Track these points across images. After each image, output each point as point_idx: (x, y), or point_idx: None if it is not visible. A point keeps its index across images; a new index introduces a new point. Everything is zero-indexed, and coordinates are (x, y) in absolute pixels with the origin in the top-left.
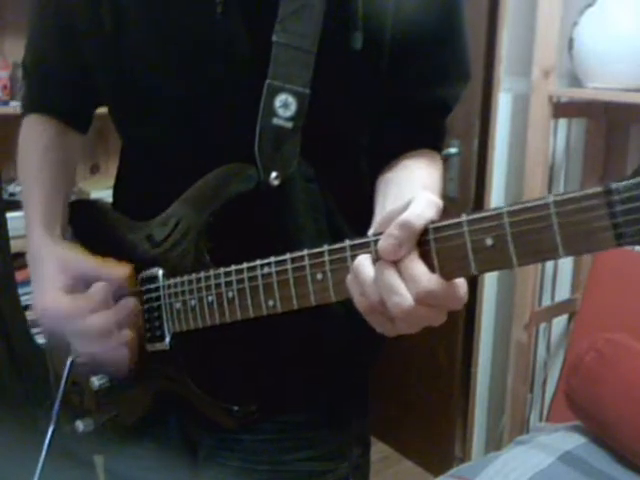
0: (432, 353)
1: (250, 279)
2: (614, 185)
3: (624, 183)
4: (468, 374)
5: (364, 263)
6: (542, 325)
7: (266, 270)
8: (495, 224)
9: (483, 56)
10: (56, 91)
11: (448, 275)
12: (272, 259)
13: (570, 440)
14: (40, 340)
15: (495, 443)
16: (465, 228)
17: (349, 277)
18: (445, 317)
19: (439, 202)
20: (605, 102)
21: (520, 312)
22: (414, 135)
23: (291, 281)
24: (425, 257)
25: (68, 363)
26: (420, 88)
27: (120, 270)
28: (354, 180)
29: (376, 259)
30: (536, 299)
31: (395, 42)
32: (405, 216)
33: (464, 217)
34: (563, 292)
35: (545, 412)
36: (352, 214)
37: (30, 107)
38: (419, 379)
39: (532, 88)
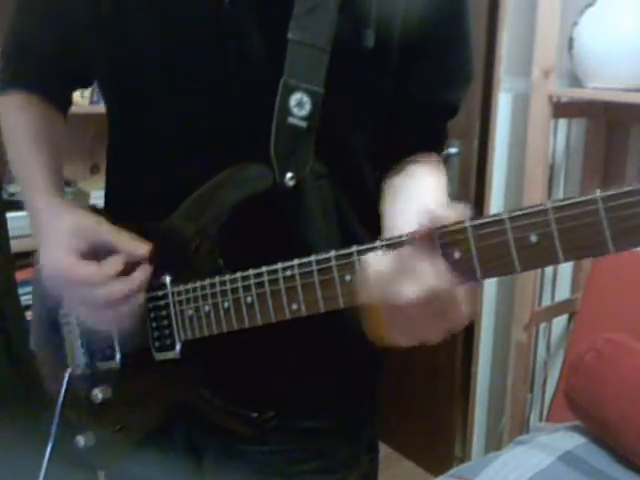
0: (432, 353)
1: (271, 282)
2: None
3: None
4: (468, 374)
5: (371, 257)
6: (542, 325)
7: (288, 273)
8: (540, 220)
9: (483, 56)
10: (40, 69)
11: (490, 273)
12: (295, 261)
13: (570, 440)
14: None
15: (495, 443)
16: (507, 225)
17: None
18: (442, 334)
19: (463, 208)
20: (605, 102)
21: (520, 312)
22: (420, 138)
23: (317, 284)
24: (464, 255)
25: (66, 376)
26: (427, 90)
27: (139, 247)
28: (362, 179)
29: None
30: (536, 299)
31: (404, 42)
32: (432, 208)
33: (505, 214)
34: (563, 292)
35: (545, 412)
36: (361, 212)
37: (12, 83)
38: (419, 379)
39: (532, 88)
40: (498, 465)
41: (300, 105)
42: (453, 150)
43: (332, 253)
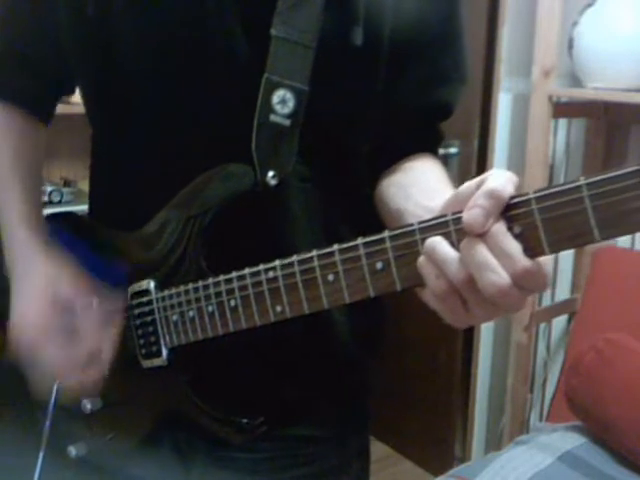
0: (432, 353)
1: (254, 285)
2: None
3: None
4: (468, 374)
5: (440, 243)
6: (542, 325)
7: (271, 274)
8: (523, 211)
9: (483, 56)
10: (24, 78)
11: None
12: (277, 262)
13: (570, 440)
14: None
15: (495, 443)
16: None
17: (421, 259)
18: (525, 304)
19: (516, 178)
20: (605, 102)
21: (520, 312)
22: (414, 139)
23: (300, 284)
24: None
25: (55, 387)
26: (420, 90)
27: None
28: (350, 181)
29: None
30: (536, 299)
31: (394, 40)
32: (491, 186)
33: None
34: (563, 292)
35: (545, 412)
36: (347, 215)
37: None
38: (419, 379)
39: (532, 88)
40: (498, 465)
41: (283, 102)
42: (453, 150)
43: (314, 252)
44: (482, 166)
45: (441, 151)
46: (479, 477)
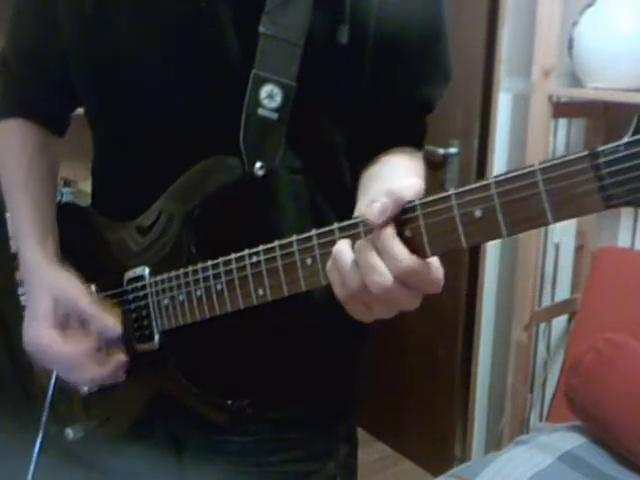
0: (432, 352)
1: (238, 269)
2: (600, 148)
3: (610, 145)
4: (468, 374)
5: (343, 248)
6: (542, 325)
7: (254, 259)
8: (483, 195)
9: (483, 56)
10: (39, 92)
11: (438, 250)
12: (260, 248)
13: (570, 440)
14: None
15: (495, 443)
16: (453, 201)
17: (329, 264)
18: (419, 302)
19: (420, 185)
20: (605, 102)
21: (520, 312)
22: (397, 132)
23: (280, 268)
24: (415, 234)
25: (55, 373)
26: (403, 87)
27: (111, 329)
28: (339, 173)
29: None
30: (536, 299)
31: (379, 39)
32: (390, 187)
33: (452, 190)
34: (563, 292)
35: (545, 412)
36: (336, 207)
37: (10, 111)
38: (419, 379)
39: (532, 88)
40: (498, 465)
41: (271, 97)
42: (453, 150)
43: (294, 237)
44: (482, 166)
45: (441, 151)
46: (479, 477)
